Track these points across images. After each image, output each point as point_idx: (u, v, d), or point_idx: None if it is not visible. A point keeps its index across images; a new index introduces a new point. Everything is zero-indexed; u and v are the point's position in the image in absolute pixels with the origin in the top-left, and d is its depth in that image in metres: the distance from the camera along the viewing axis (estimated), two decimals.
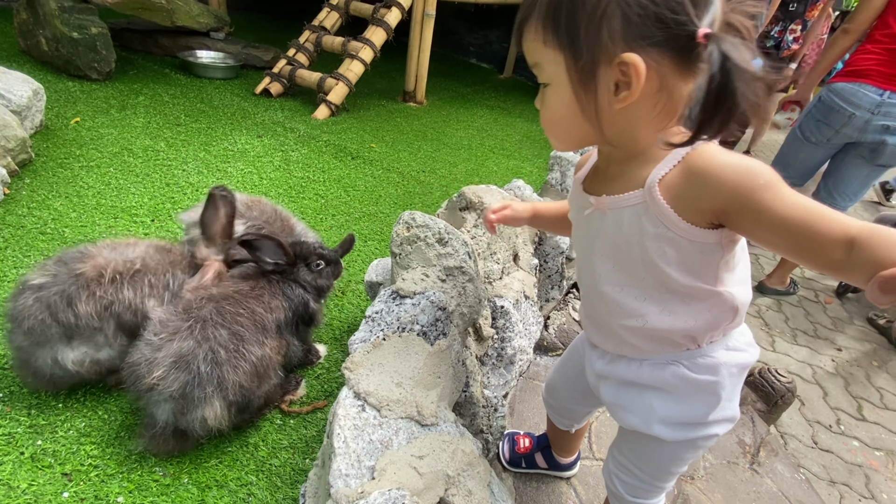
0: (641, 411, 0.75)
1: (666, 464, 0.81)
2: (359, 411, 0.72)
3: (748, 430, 1.90)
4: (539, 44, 0.59)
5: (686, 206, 0.57)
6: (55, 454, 0.95)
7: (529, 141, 3.53)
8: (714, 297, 0.64)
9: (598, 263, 0.69)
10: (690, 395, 0.71)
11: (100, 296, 0.98)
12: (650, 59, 0.53)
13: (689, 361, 0.70)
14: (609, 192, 0.63)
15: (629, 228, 0.61)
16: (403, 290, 0.89)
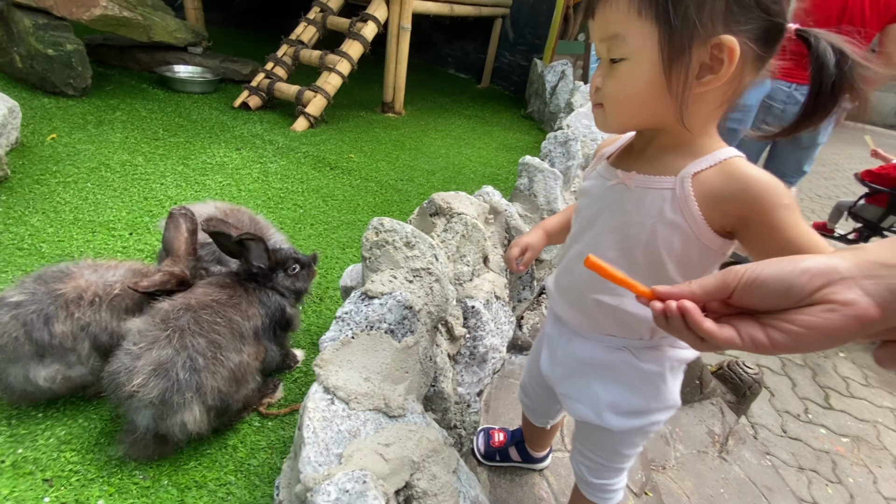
0: (590, 401, 0.80)
1: (619, 449, 0.87)
2: (328, 404, 0.77)
3: (717, 420, 1.98)
4: (628, 14, 0.57)
5: (712, 206, 0.59)
6: (36, 461, 0.98)
7: (506, 149, 3.62)
8: None
9: (601, 234, 0.71)
10: (635, 382, 0.77)
11: (77, 317, 1.01)
12: (743, 46, 0.54)
13: (637, 350, 0.76)
14: (640, 171, 0.65)
15: (648, 209, 0.63)
16: (372, 291, 0.95)
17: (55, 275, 1.05)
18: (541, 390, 1.03)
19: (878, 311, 0.37)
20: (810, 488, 2.08)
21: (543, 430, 1.22)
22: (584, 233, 0.76)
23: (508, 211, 1.55)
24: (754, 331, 0.41)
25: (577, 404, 0.83)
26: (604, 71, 0.63)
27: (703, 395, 2.07)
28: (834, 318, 0.37)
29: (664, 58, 0.56)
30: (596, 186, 0.74)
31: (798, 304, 0.40)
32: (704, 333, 0.43)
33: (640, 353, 0.76)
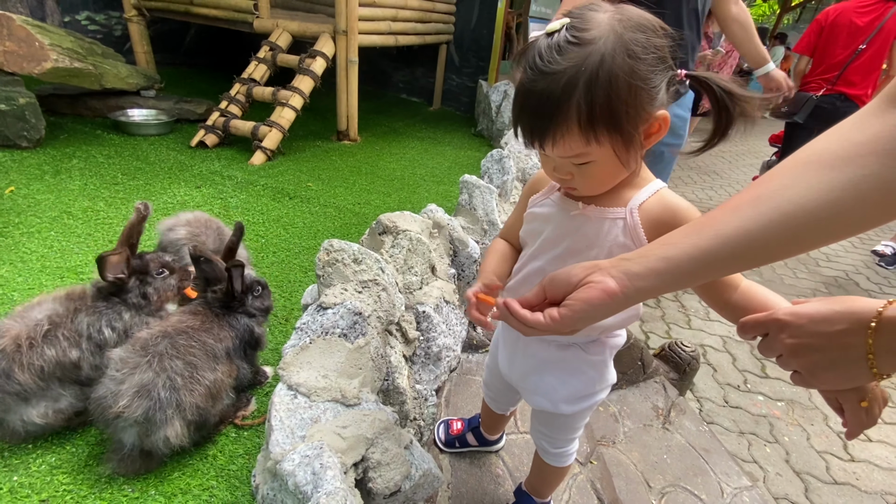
0: (546, 393, 0.95)
1: (572, 424, 1.04)
2: (291, 398, 0.92)
3: (661, 396, 2.20)
4: (582, 143, 0.65)
5: (652, 230, 0.71)
6: (31, 486, 1.07)
7: (458, 167, 3.85)
8: (636, 308, 0.85)
9: (565, 256, 0.80)
10: (585, 370, 0.92)
11: (28, 363, 1.09)
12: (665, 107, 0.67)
13: (584, 346, 0.91)
14: (597, 204, 0.76)
15: (605, 235, 0.75)
16: (326, 303, 1.11)
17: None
18: (501, 385, 1.18)
19: (618, 286, 0.57)
20: (750, 450, 2.31)
21: (502, 417, 1.38)
22: (544, 253, 0.84)
23: (451, 224, 1.73)
24: (552, 311, 0.61)
25: (536, 396, 0.97)
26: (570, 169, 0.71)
27: (647, 374, 2.29)
28: (591, 291, 0.58)
29: (618, 153, 0.67)
30: (555, 214, 0.83)
31: (575, 288, 0.60)
32: (521, 318, 0.63)
33: (587, 347, 0.91)
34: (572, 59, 0.61)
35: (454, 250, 1.77)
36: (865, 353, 0.49)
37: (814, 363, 0.53)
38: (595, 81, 0.60)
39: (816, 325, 0.52)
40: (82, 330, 1.17)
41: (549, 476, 1.18)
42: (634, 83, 0.61)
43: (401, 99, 6.12)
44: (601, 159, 0.68)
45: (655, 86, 0.64)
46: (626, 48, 0.61)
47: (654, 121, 0.66)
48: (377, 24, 4.08)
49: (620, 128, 0.63)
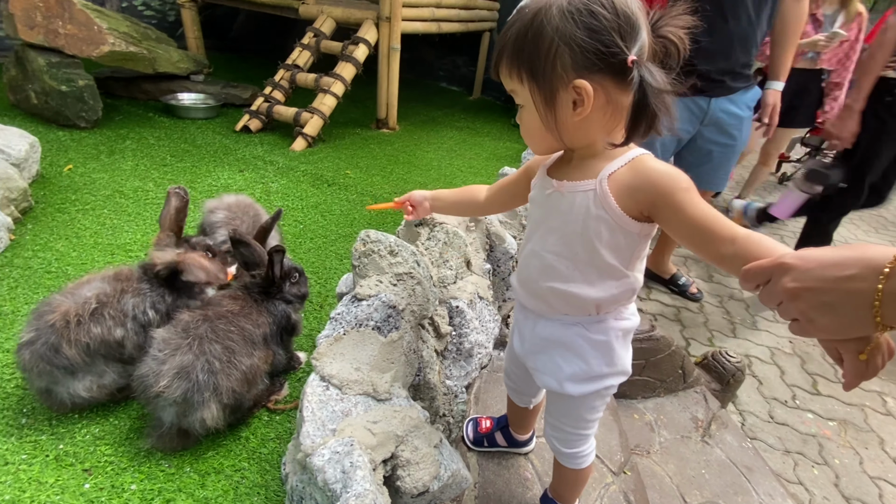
0: (553, 372, 0.94)
1: (580, 413, 1.00)
2: (324, 390, 0.91)
3: (701, 407, 2.09)
4: (510, 78, 0.75)
5: (625, 197, 0.72)
6: (75, 455, 1.12)
7: (496, 159, 3.78)
8: (623, 278, 0.84)
9: (547, 234, 0.85)
10: (588, 351, 0.91)
11: (75, 339, 1.13)
12: (596, 82, 0.68)
13: (587, 325, 0.90)
14: (569, 179, 0.78)
15: (578, 209, 0.77)
16: (360, 294, 1.09)
17: (45, 308, 1.16)
18: (519, 371, 1.16)
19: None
20: (796, 470, 2.17)
21: (526, 411, 1.35)
22: (533, 234, 0.91)
23: (488, 218, 1.69)
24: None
25: (544, 376, 0.96)
26: (518, 113, 0.81)
27: (687, 384, 2.18)
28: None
29: (538, 103, 0.73)
30: (538, 196, 0.90)
31: None
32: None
33: (589, 327, 0.89)
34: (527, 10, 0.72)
35: (490, 245, 1.72)
36: (872, 300, 0.48)
37: (814, 308, 0.52)
38: (529, 25, 0.70)
39: (824, 269, 0.51)
40: (128, 310, 1.21)
41: (568, 480, 1.15)
42: (558, 41, 0.68)
43: (440, 88, 6.07)
44: (528, 106, 0.75)
45: (583, 52, 0.68)
46: (565, 10, 0.68)
47: (574, 88, 0.69)
48: (420, 10, 4.03)
49: (537, 77, 0.71)
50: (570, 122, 0.73)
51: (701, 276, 3.29)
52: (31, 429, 1.17)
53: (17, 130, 2.30)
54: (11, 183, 1.94)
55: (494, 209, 1.17)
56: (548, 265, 0.88)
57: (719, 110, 2.24)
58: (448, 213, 1.37)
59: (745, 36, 2.08)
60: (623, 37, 0.68)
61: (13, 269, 1.70)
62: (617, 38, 0.67)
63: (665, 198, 0.71)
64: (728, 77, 2.17)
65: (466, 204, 1.17)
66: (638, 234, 0.78)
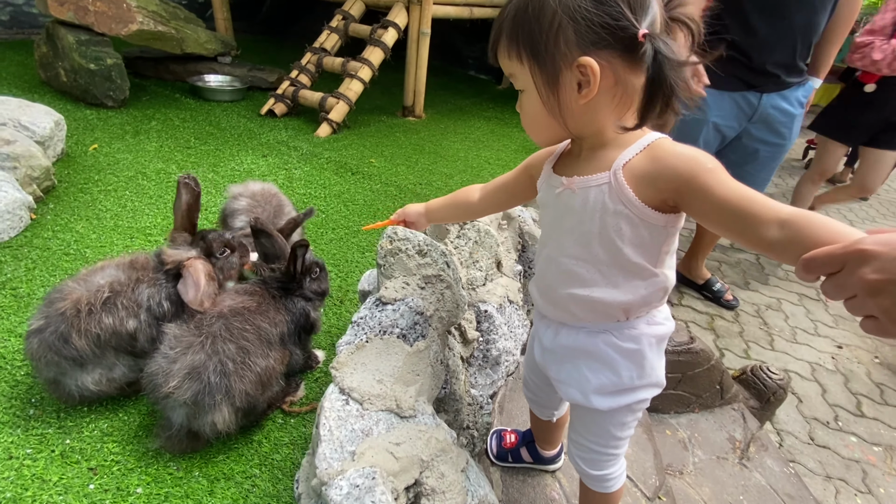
0: (579, 383, 0.84)
1: (610, 429, 0.90)
2: (343, 404, 0.82)
3: (739, 426, 1.96)
4: (510, 59, 0.69)
5: (645, 187, 0.65)
6: (82, 451, 1.07)
7: (525, 151, 3.63)
8: (652, 277, 0.74)
9: (562, 237, 0.78)
10: (617, 361, 0.81)
11: (85, 329, 1.07)
12: (603, 60, 0.62)
13: (617, 331, 0.80)
14: (579, 174, 0.72)
15: (593, 205, 0.70)
16: (386, 298, 1.00)
17: (56, 295, 1.10)
18: (540, 382, 1.07)
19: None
20: (837, 498, 2.03)
21: (550, 425, 1.25)
22: (549, 239, 0.83)
23: (522, 216, 1.57)
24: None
25: (568, 388, 0.87)
26: (518, 100, 0.75)
27: (724, 400, 2.04)
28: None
29: (539, 86, 0.67)
30: (548, 196, 0.81)
31: None
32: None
33: (619, 334, 0.80)
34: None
35: (523, 245, 1.61)
36: None
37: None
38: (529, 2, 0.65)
39: None
40: (142, 301, 1.14)
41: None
42: (561, 14, 0.62)
43: (469, 76, 5.91)
44: (529, 90, 0.69)
45: (588, 26, 0.62)
46: None
47: (578, 66, 0.63)
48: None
49: (538, 55, 0.65)
50: (575, 106, 0.66)
51: (737, 282, 3.11)
52: (38, 421, 1.12)
53: (43, 108, 2.27)
54: (34, 161, 1.91)
55: (491, 210, 1.07)
56: (566, 270, 0.79)
57: (770, 107, 2.06)
58: (445, 221, 1.27)
59: (808, 25, 1.90)
60: (633, 8, 0.61)
61: (32, 249, 1.67)
62: (626, 10, 0.61)
63: (689, 182, 0.62)
64: (783, 71, 1.98)
65: (460, 208, 1.07)
66: (664, 226, 0.69)
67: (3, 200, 1.69)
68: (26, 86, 3.10)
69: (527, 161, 0.92)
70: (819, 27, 1.92)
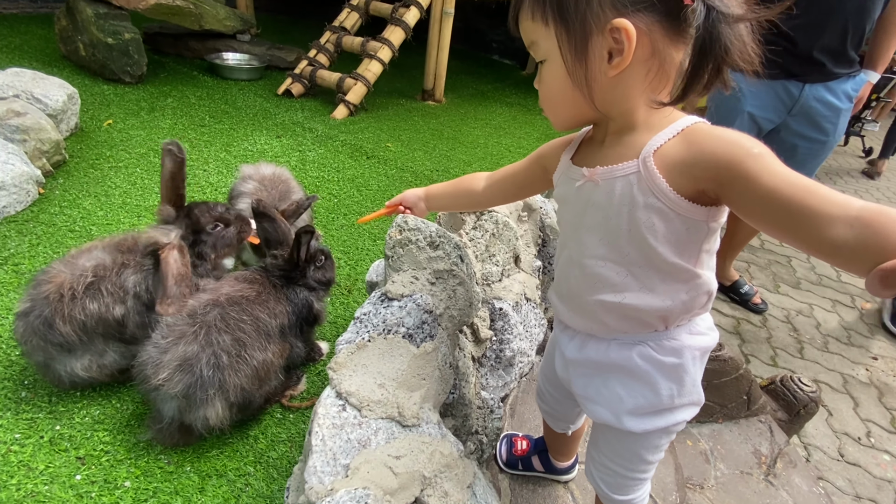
0: (610, 402, 0.75)
1: (642, 453, 0.81)
2: (339, 411, 0.74)
3: (765, 439, 1.84)
4: (533, 23, 0.61)
5: (680, 176, 0.57)
6: (71, 439, 1.03)
7: (548, 139, 3.46)
8: (693, 280, 0.65)
9: (584, 235, 0.69)
10: (655, 377, 0.71)
11: (69, 315, 1.00)
12: (640, 24, 0.54)
13: (655, 343, 0.70)
14: (602, 163, 0.63)
15: (620, 198, 0.61)
16: (392, 293, 0.91)
17: (42, 278, 1.04)
18: (558, 394, 0.99)
19: None
20: None
21: (565, 437, 1.17)
22: (569, 239, 0.74)
23: (544, 208, 1.47)
24: None
25: (597, 407, 0.78)
26: (539, 75, 0.66)
27: (751, 411, 1.92)
28: None
29: (565, 53, 0.59)
30: (567, 191, 0.71)
31: None
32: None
33: (657, 346, 0.70)
34: None
35: (543, 239, 1.51)
36: None
37: None
38: None
39: None
40: (128, 286, 1.07)
41: None
42: None
43: (492, 60, 5.74)
44: (552, 59, 0.61)
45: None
46: None
47: (611, 31, 0.54)
48: None
49: (566, 15, 0.57)
50: (603, 77, 0.58)
51: (766, 284, 2.95)
52: (29, 404, 1.08)
53: (57, 80, 2.23)
54: (44, 135, 1.87)
55: (497, 201, 0.98)
56: (593, 274, 0.69)
57: (813, 98, 1.88)
58: (446, 209, 1.19)
59: (861, 8, 1.71)
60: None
61: (37, 224, 1.64)
62: None
63: (732, 169, 0.52)
64: (830, 59, 1.80)
65: (463, 195, 0.99)
66: (705, 220, 0.59)
67: (11, 173, 1.65)
68: (47, 59, 3.08)
69: (539, 151, 0.83)
70: (873, 12, 1.74)
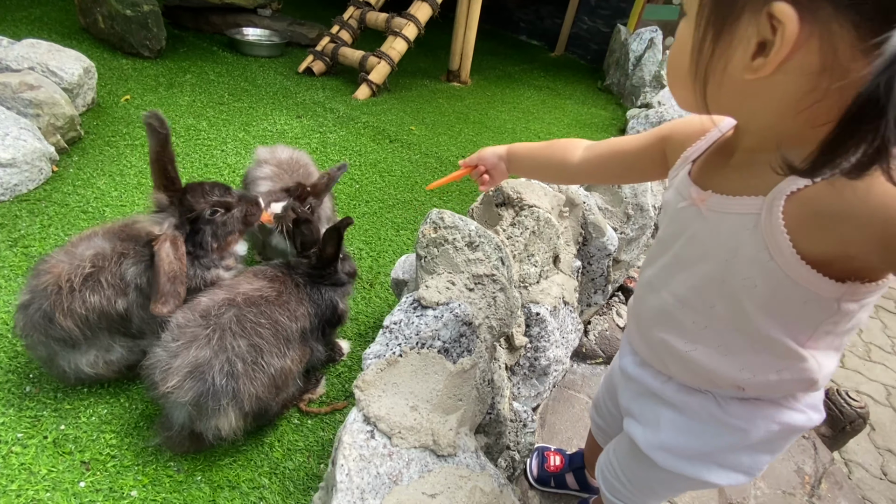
0: (647, 423, 0.66)
1: (653, 484, 0.72)
2: (367, 438, 0.65)
3: (809, 457, 1.71)
4: None
5: (817, 232, 0.43)
6: (76, 440, 0.96)
7: (579, 126, 3.31)
8: (795, 362, 0.51)
9: (671, 265, 0.57)
10: (708, 431, 0.60)
11: (69, 308, 0.92)
12: (817, 22, 0.36)
13: (723, 400, 0.59)
14: (719, 189, 0.50)
15: (725, 241, 0.48)
16: (426, 300, 0.81)
17: (42, 267, 0.96)
18: (615, 409, 0.88)
19: None
20: None
21: None
22: (657, 258, 0.61)
23: (587, 203, 1.34)
24: None
25: (633, 423, 0.69)
26: None
27: None
28: None
29: (701, 17, 0.43)
30: (672, 199, 0.58)
31: None
32: None
33: (726, 404, 0.59)
34: None
35: (584, 237, 1.38)
36: None
37: None
38: None
39: None
40: (128, 278, 0.98)
41: None
42: None
43: (519, 41, 5.50)
44: (689, 13, 0.46)
45: None
46: None
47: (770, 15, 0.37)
48: None
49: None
50: (735, 75, 0.42)
51: None
52: (33, 400, 1.02)
53: (73, 53, 2.15)
54: (58, 109, 1.80)
55: (594, 178, 0.82)
56: (666, 311, 0.58)
57: None
58: (529, 175, 1.00)
59: None
60: None
61: (50, 204, 1.57)
62: None
63: None
64: None
65: (553, 165, 0.81)
66: (838, 299, 0.44)
67: (23, 150, 1.58)
68: (66, 31, 3.00)
69: (666, 129, 0.66)
70: None
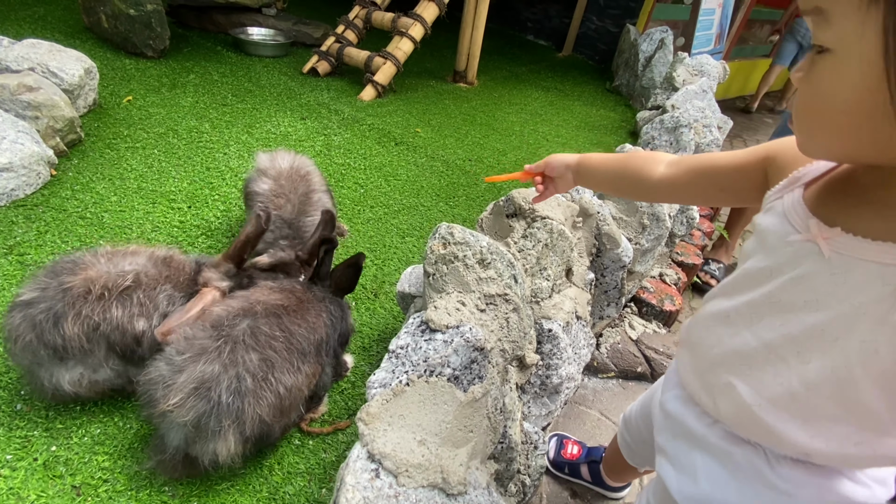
0: (684, 471, 0.60)
1: None
2: (371, 478, 0.60)
3: None
4: None
5: None
6: (67, 463, 0.92)
7: (587, 128, 3.25)
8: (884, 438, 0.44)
9: (762, 306, 0.49)
10: (748, 487, 0.53)
11: (86, 315, 0.89)
12: None
13: (775, 456, 0.52)
14: (850, 228, 0.42)
15: (851, 292, 0.41)
16: (435, 323, 0.76)
17: (67, 266, 0.93)
18: (646, 431, 0.83)
19: None
20: None
21: (630, 469, 1.03)
22: (741, 292, 0.52)
23: (601, 213, 1.28)
24: None
25: (665, 462, 0.64)
26: (805, 64, 0.42)
27: None
28: None
29: (890, 52, 0.34)
30: (774, 227, 0.49)
31: None
32: None
33: (777, 463, 0.52)
34: None
35: (598, 248, 1.33)
36: None
37: None
38: None
39: None
40: (159, 303, 0.97)
41: None
42: None
43: (526, 41, 5.43)
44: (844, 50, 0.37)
45: None
46: None
47: None
48: None
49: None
50: None
51: None
52: (24, 419, 0.97)
53: (75, 53, 2.11)
54: (57, 112, 1.76)
55: (677, 197, 0.71)
56: (744, 355, 0.50)
57: None
58: (599, 189, 0.92)
59: None
60: None
61: (47, 209, 1.53)
62: None
63: None
64: None
65: (629, 180, 0.72)
66: None
67: (20, 154, 1.54)
68: (69, 31, 2.97)
69: (770, 148, 0.58)
70: None
